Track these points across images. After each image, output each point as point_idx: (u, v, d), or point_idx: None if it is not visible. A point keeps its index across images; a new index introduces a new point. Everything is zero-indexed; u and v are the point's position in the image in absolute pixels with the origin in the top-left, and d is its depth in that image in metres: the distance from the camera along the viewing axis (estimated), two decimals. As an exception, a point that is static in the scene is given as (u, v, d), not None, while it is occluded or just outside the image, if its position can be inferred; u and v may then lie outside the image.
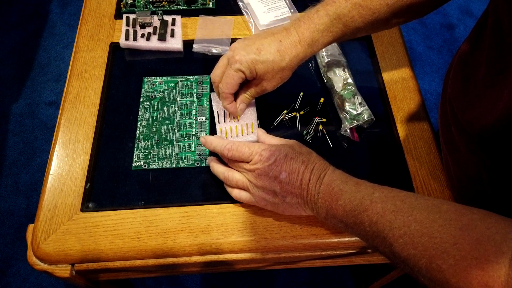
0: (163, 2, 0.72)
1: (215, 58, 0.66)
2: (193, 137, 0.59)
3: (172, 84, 0.64)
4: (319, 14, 0.51)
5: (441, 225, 0.35)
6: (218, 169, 0.52)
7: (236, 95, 0.57)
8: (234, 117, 0.58)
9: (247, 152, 0.48)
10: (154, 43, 0.66)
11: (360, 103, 0.59)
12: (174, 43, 0.66)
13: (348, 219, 0.42)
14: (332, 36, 0.52)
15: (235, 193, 0.51)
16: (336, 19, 0.51)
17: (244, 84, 0.56)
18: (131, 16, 0.68)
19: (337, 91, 0.61)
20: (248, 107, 0.59)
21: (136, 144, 0.58)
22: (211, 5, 0.72)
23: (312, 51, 0.52)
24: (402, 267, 0.38)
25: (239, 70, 0.51)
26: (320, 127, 0.60)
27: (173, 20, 0.68)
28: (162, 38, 0.66)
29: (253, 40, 0.52)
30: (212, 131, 0.59)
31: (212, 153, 0.56)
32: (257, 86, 0.54)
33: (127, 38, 0.66)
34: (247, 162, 0.48)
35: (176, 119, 0.60)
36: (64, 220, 0.52)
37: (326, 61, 0.64)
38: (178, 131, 0.59)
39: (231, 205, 0.53)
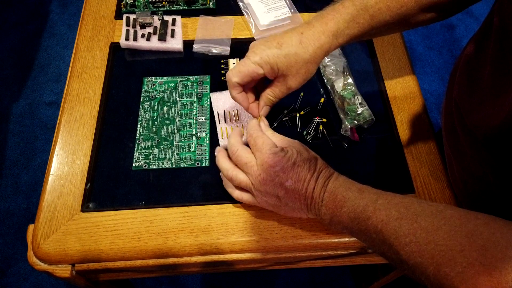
0: (163, 2, 0.72)
1: (216, 58, 0.66)
2: (193, 137, 0.59)
3: (172, 84, 0.64)
4: (345, 5, 0.49)
5: (447, 232, 0.35)
6: (223, 164, 0.50)
7: (256, 95, 0.54)
8: (255, 116, 0.54)
9: (260, 144, 0.47)
10: (154, 43, 0.66)
11: (360, 103, 0.59)
12: (175, 43, 0.66)
13: (353, 226, 0.42)
14: (359, 28, 0.49)
15: (236, 193, 0.51)
16: (362, 9, 0.48)
17: (264, 84, 0.53)
18: (131, 16, 0.68)
19: (337, 91, 0.61)
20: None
21: (136, 144, 0.58)
22: (211, 5, 0.72)
23: (337, 43, 0.49)
24: (410, 274, 0.38)
25: (257, 63, 0.47)
26: (320, 127, 0.60)
27: (173, 20, 0.68)
28: (162, 38, 0.66)
29: (272, 36, 0.49)
30: (212, 131, 0.59)
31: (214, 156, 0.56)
32: (281, 84, 0.50)
33: (127, 38, 0.66)
34: (254, 155, 0.47)
35: (176, 119, 0.60)
36: (65, 220, 0.52)
37: (326, 61, 0.63)
38: (178, 131, 0.59)
39: (231, 205, 0.53)
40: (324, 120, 0.60)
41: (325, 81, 0.63)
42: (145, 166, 0.56)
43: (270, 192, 0.46)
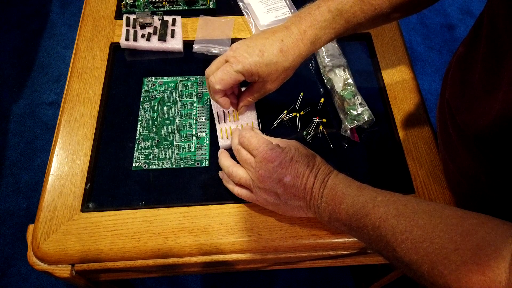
0: (164, 3, 0.72)
1: (216, 58, 0.66)
2: (193, 137, 0.59)
3: (172, 85, 0.64)
4: (321, 11, 0.50)
5: (442, 230, 0.35)
6: (224, 162, 0.52)
7: (238, 96, 0.57)
8: (233, 119, 0.58)
9: (255, 143, 0.48)
10: (155, 44, 0.66)
11: (360, 104, 0.59)
12: (175, 44, 0.66)
13: (351, 223, 0.42)
14: (334, 32, 0.51)
15: (236, 190, 0.51)
16: (338, 15, 0.50)
17: (246, 86, 0.55)
18: (132, 17, 0.68)
19: (337, 92, 0.61)
20: (248, 107, 0.59)
21: (136, 144, 0.58)
22: (211, 6, 0.72)
23: (314, 49, 0.52)
24: (405, 271, 0.39)
25: (239, 72, 0.50)
26: (320, 127, 0.60)
27: (174, 20, 0.68)
28: (162, 38, 0.66)
29: (254, 41, 0.50)
30: (212, 131, 0.59)
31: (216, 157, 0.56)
32: (260, 88, 0.53)
33: (127, 39, 0.66)
34: (253, 156, 0.48)
35: (176, 120, 0.60)
36: (64, 220, 0.52)
37: (326, 61, 0.64)
38: (178, 131, 0.59)
39: (231, 205, 0.53)
40: (324, 120, 0.60)
41: (325, 81, 0.63)
42: (145, 166, 0.56)
43: (269, 188, 0.47)
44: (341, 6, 0.50)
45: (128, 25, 0.67)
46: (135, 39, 0.66)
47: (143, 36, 0.66)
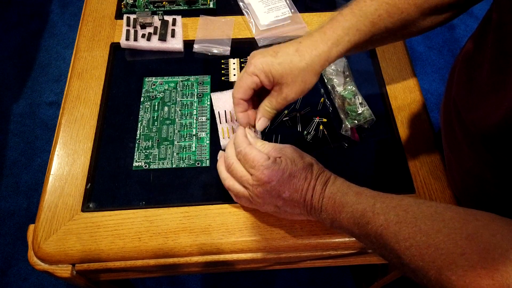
0: (164, 2, 0.72)
1: (216, 58, 0.66)
2: (194, 137, 0.59)
3: (172, 84, 0.64)
4: (343, 13, 0.48)
5: (447, 235, 0.35)
6: (221, 174, 0.50)
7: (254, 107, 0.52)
8: (255, 131, 0.52)
9: (250, 161, 0.46)
10: (155, 43, 0.66)
11: (360, 103, 0.59)
12: (175, 43, 0.66)
13: (354, 231, 0.42)
14: (359, 35, 0.48)
15: (235, 198, 0.51)
16: (362, 16, 0.47)
17: (264, 96, 0.50)
18: (132, 16, 0.68)
19: (337, 91, 0.61)
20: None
21: (136, 144, 0.58)
22: (211, 5, 0.72)
23: (337, 50, 0.47)
24: (412, 277, 0.38)
25: (253, 73, 0.47)
26: (321, 127, 0.60)
27: (174, 20, 0.68)
28: (162, 38, 0.66)
29: (272, 47, 0.48)
30: (213, 131, 0.59)
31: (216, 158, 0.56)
32: (278, 93, 0.48)
33: (127, 38, 0.66)
34: (249, 173, 0.47)
35: (176, 119, 0.60)
36: (65, 220, 0.52)
37: (326, 61, 0.63)
38: (178, 131, 0.59)
39: (231, 205, 0.53)
40: (325, 120, 0.60)
41: (325, 81, 0.63)
42: (145, 166, 0.56)
43: (268, 202, 0.47)
44: (365, 8, 0.48)
45: (128, 25, 0.67)
46: (135, 39, 0.66)
47: (143, 36, 0.66)
